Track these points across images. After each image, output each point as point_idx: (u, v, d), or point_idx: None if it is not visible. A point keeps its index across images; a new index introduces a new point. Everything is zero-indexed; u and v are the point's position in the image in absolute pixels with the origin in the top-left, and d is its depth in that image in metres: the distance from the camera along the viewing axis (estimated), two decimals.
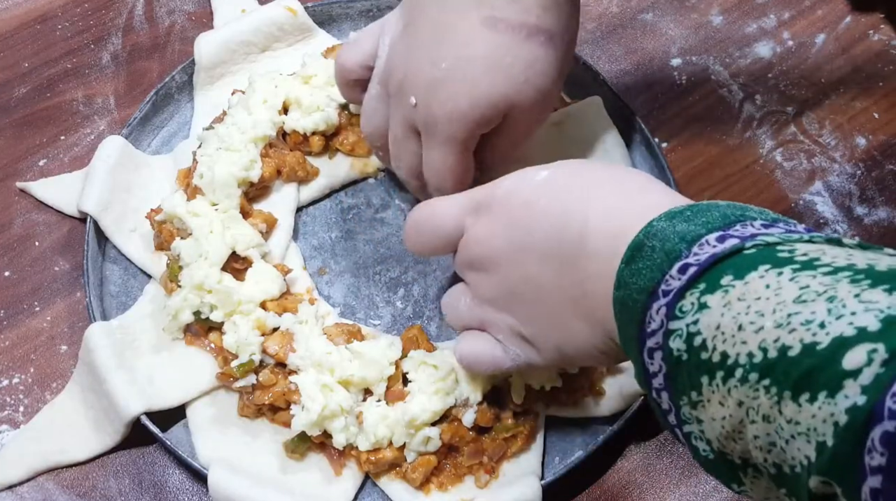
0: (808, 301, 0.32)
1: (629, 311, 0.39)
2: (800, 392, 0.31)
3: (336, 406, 0.54)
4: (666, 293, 0.37)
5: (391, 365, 0.56)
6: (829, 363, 0.30)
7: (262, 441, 0.57)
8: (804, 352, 0.31)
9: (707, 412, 0.36)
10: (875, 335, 0.29)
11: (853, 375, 0.29)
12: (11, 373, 0.61)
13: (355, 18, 0.74)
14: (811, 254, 0.34)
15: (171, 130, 0.70)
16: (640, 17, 0.78)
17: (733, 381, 0.34)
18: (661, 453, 0.60)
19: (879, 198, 0.70)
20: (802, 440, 0.31)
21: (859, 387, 0.29)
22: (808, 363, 0.31)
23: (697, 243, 0.37)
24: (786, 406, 0.32)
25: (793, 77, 0.75)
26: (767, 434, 0.33)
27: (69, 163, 0.69)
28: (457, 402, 0.55)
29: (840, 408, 0.29)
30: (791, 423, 0.31)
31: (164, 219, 0.62)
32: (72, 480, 0.58)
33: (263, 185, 0.64)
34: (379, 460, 0.55)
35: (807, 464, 0.31)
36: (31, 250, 0.66)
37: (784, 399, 0.32)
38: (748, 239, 0.36)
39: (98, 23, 0.76)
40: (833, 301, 0.32)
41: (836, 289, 0.32)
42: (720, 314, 0.35)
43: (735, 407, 0.34)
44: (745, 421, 0.34)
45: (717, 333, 0.35)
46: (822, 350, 0.31)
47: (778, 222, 0.38)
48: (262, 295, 0.59)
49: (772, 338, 0.33)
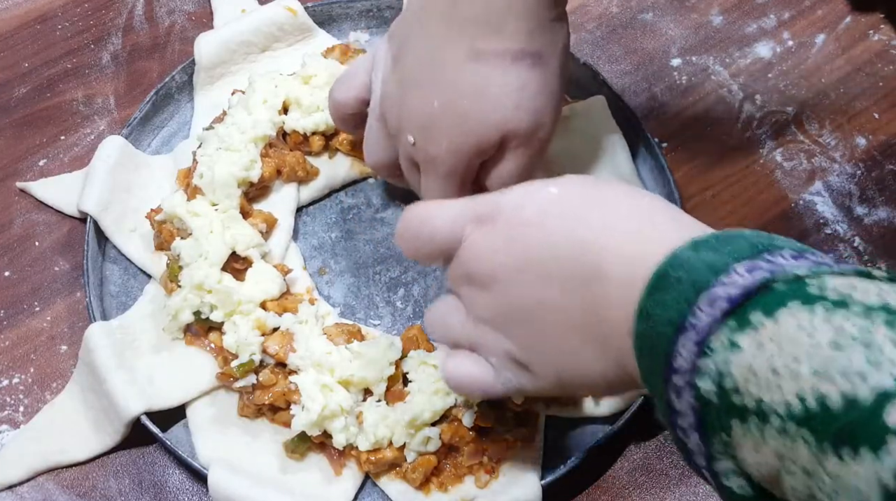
0: (845, 346, 0.31)
1: (653, 345, 0.37)
2: (842, 445, 0.30)
3: (336, 406, 0.54)
4: (694, 326, 0.35)
5: (391, 366, 0.56)
6: (871, 417, 0.29)
7: (262, 441, 0.57)
8: (845, 405, 0.30)
9: (740, 459, 0.34)
10: None
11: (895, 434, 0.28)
12: (11, 373, 0.61)
13: (355, 18, 0.74)
14: (842, 291, 0.33)
15: (171, 130, 0.70)
16: (640, 17, 0.78)
17: (770, 429, 0.32)
18: (661, 453, 0.60)
19: (879, 198, 0.70)
20: (846, 497, 0.30)
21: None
22: (849, 416, 0.30)
23: (725, 273, 0.35)
24: (827, 460, 0.30)
25: (793, 77, 0.75)
26: (808, 487, 0.31)
27: (69, 163, 0.69)
28: (457, 402, 0.55)
29: (886, 467, 0.28)
30: (834, 478, 0.30)
31: (163, 218, 0.62)
32: (72, 480, 0.58)
33: (263, 185, 0.64)
34: (379, 460, 0.55)
35: None
36: (31, 250, 0.66)
37: (826, 452, 0.30)
38: (778, 271, 0.35)
39: (98, 23, 0.76)
40: (871, 347, 0.30)
41: (871, 333, 0.31)
42: (752, 355, 0.33)
43: (771, 456, 0.33)
44: (781, 473, 0.32)
45: (750, 376, 0.33)
46: (863, 402, 0.29)
47: (805, 253, 0.36)
48: (262, 295, 0.59)
49: (809, 386, 0.31)
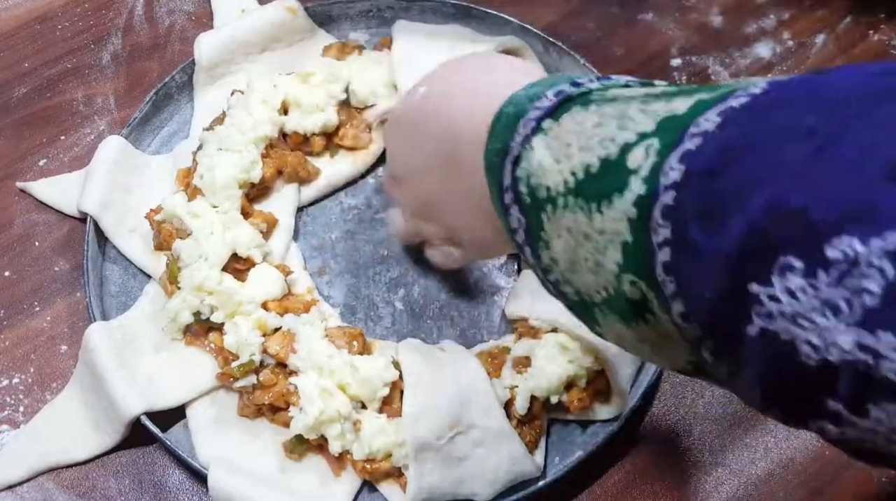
0: (604, 124, 0.35)
1: (492, 176, 0.41)
2: (601, 200, 0.34)
3: (334, 411, 0.54)
4: (511, 148, 0.39)
5: (385, 387, 0.56)
6: (617, 167, 0.33)
7: (262, 441, 0.57)
8: (602, 166, 0.34)
9: (553, 251, 0.38)
10: (651, 133, 0.32)
11: (635, 172, 0.32)
12: (11, 373, 0.61)
13: (355, 18, 0.74)
14: (617, 93, 0.37)
15: (171, 130, 0.70)
16: (640, 17, 0.78)
17: (559, 210, 0.36)
18: (660, 453, 0.60)
19: None
20: (612, 247, 0.33)
21: (641, 180, 0.32)
22: (605, 174, 0.34)
23: (539, 99, 0.39)
24: (595, 218, 0.34)
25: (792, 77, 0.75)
26: (592, 255, 0.35)
27: (69, 163, 0.69)
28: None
29: (629, 203, 0.32)
30: (602, 233, 0.34)
31: (163, 218, 0.62)
32: (72, 480, 0.58)
33: (264, 186, 0.64)
34: (375, 470, 0.55)
35: (618, 271, 0.33)
36: (31, 250, 0.66)
37: (593, 212, 0.34)
38: (577, 89, 0.39)
39: (98, 23, 0.76)
40: (623, 118, 0.34)
41: (627, 110, 0.35)
42: (541, 154, 0.38)
43: (567, 236, 0.36)
44: (576, 249, 0.36)
45: (541, 170, 0.37)
46: (613, 160, 0.33)
47: (612, 77, 0.40)
48: (263, 295, 0.59)
49: (577, 161, 0.35)
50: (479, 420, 0.54)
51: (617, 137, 0.34)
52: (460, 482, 0.55)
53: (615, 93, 0.37)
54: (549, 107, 0.38)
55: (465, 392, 0.55)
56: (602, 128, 0.35)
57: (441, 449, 0.54)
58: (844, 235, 0.24)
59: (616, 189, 0.33)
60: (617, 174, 0.33)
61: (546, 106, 0.39)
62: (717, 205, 0.28)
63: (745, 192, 0.27)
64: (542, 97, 0.39)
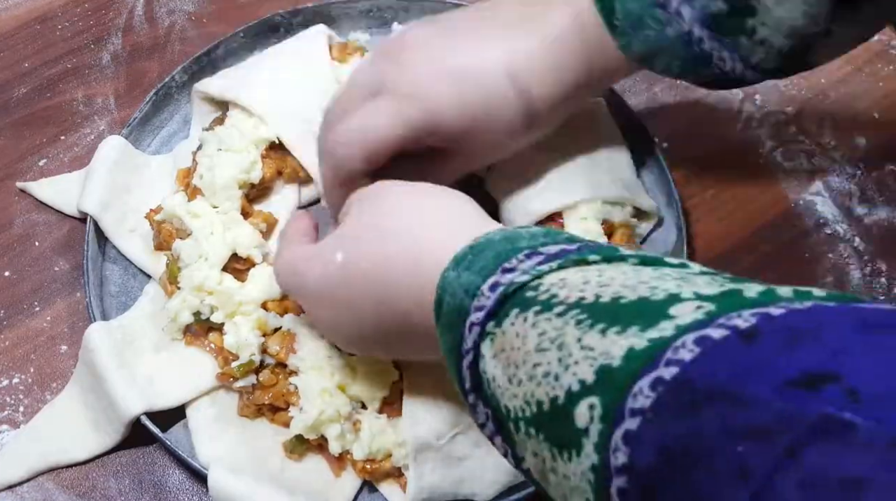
0: (545, 350, 0.33)
1: (453, 370, 0.40)
2: (562, 450, 0.32)
3: (334, 411, 0.54)
4: (468, 352, 0.38)
5: (385, 387, 0.56)
6: (567, 421, 0.31)
7: (262, 441, 0.57)
8: (552, 409, 0.32)
9: (525, 462, 0.36)
10: (591, 388, 0.30)
11: (585, 433, 0.30)
12: (11, 373, 0.61)
13: (355, 18, 0.74)
14: (552, 290, 0.35)
15: (171, 130, 0.70)
16: None
17: (522, 435, 0.35)
18: None
19: (879, 198, 0.70)
20: (577, 495, 0.31)
21: (592, 446, 0.30)
22: (557, 420, 0.32)
23: (476, 297, 0.38)
24: (559, 463, 0.32)
25: (793, 77, 0.75)
26: (560, 487, 0.33)
27: (69, 163, 0.69)
28: None
29: (586, 468, 0.30)
30: (567, 479, 0.32)
31: (163, 218, 0.62)
32: (72, 480, 0.58)
33: (264, 186, 0.64)
34: (375, 470, 0.55)
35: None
36: (31, 250, 0.65)
37: (556, 456, 0.32)
38: (509, 283, 0.37)
39: (98, 23, 0.76)
40: (562, 348, 0.32)
41: (564, 335, 0.33)
42: (493, 366, 0.36)
43: (534, 459, 0.34)
44: (545, 473, 0.34)
45: (497, 388, 0.36)
46: (561, 406, 0.31)
47: (537, 250, 0.38)
48: (263, 295, 0.59)
49: (529, 391, 0.33)
50: None
51: (561, 377, 0.32)
52: (460, 482, 0.55)
53: (550, 290, 0.35)
54: (489, 308, 0.37)
55: None
56: (544, 356, 0.33)
57: (441, 449, 0.54)
58: None
59: (574, 445, 0.31)
60: (568, 428, 0.31)
61: (486, 306, 0.37)
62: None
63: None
64: (478, 294, 0.38)
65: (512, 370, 0.35)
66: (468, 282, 0.39)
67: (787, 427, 0.25)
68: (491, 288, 0.37)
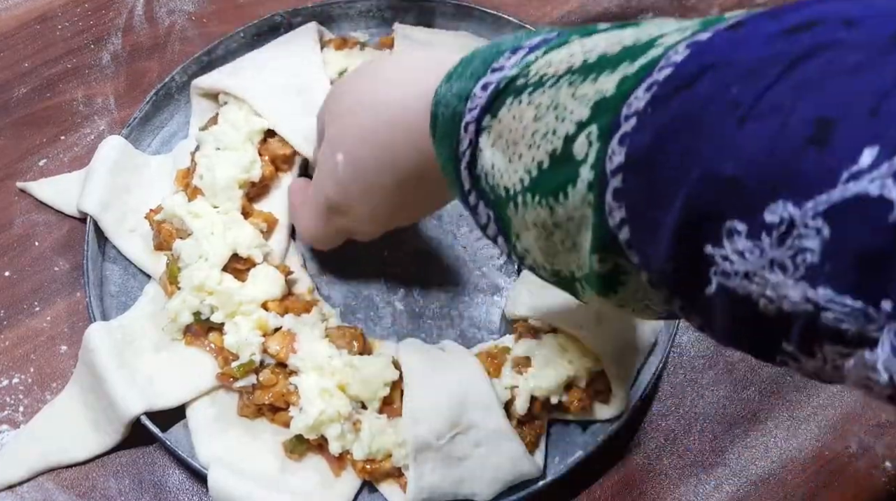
0: (542, 117, 0.36)
1: (451, 178, 0.42)
2: (557, 193, 0.35)
3: (334, 411, 0.54)
4: (464, 153, 0.40)
5: (385, 387, 0.56)
6: (566, 160, 0.34)
7: (262, 441, 0.57)
8: (552, 161, 0.35)
9: (524, 242, 0.39)
10: (588, 121, 0.33)
11: (583, 161, 0.33)
12: (11, 373, 0.61)
13: (355, 18, 0.74)
14: (540, 72, 0.37)
15: (171, 130, 0.70)
16: (640, 17, 0.78)
17: (520, 208, 0.37)
18: (660, 453, 0.60)
19: None
20: (584, 228, 0.34)
21: (589, 167, 0.33)
22: (556, 167, 0.35)
23: (470, 99, 0.39)
24: (557, 210, 0.35)
25: None
26: (567, 238, 0.36)
27: (69, 163, 0.69)
28: None
29: (584, 190, 0.33)
30: (570, 220, 0.35)
31: (163, 218, 0.62)
32: (72, 480, 0.58)
33: (264, 184, 0.64)
34: (375, 470, 0.55)
35: (590, 249, 0.35)
36: (31, 250, 0.66)
37: (553, 205, 0.35)
38: (500, 78, 0.39)
39: (98, 23, 0.76)
40: (558, 108, 0.35)
41: (559, 97, 0.35)
42: (490, 153, 0.38)
43: (535, 229, 0.37)
44: (549, 237, 0.37)
45: (496, 171, 0.38)
46: (560, 153, 0.34)
47: (521, 45, 0.40)
48: (263, 295, 0.59)
49: (529, 159, 0.36)
50: (479, 420, 0.55)
51: (558, 129, 0.35)
52: (460, 482, 0.55)
53: (539, 72, 0.37)
54: (483, 105, 0.39)
55: (466, 392, 0.55)
56: (542, 121, 0.36)
57: (441, 449, 0.54)
58: (780, 200, 0.26)
59: (569, 180, 0.34)
60: (567, 166, 0.34)
61: (480, 104, 0.39)
62: (662, 182, 0.30)
63: (685, 166, 0.29)
64: (471, 95, 0.39)
65: (511, 150, 0.37)
66: (460, 89, 0.40)
67: (782, 60, 0.27)
68: (482, 87, 0.39)
